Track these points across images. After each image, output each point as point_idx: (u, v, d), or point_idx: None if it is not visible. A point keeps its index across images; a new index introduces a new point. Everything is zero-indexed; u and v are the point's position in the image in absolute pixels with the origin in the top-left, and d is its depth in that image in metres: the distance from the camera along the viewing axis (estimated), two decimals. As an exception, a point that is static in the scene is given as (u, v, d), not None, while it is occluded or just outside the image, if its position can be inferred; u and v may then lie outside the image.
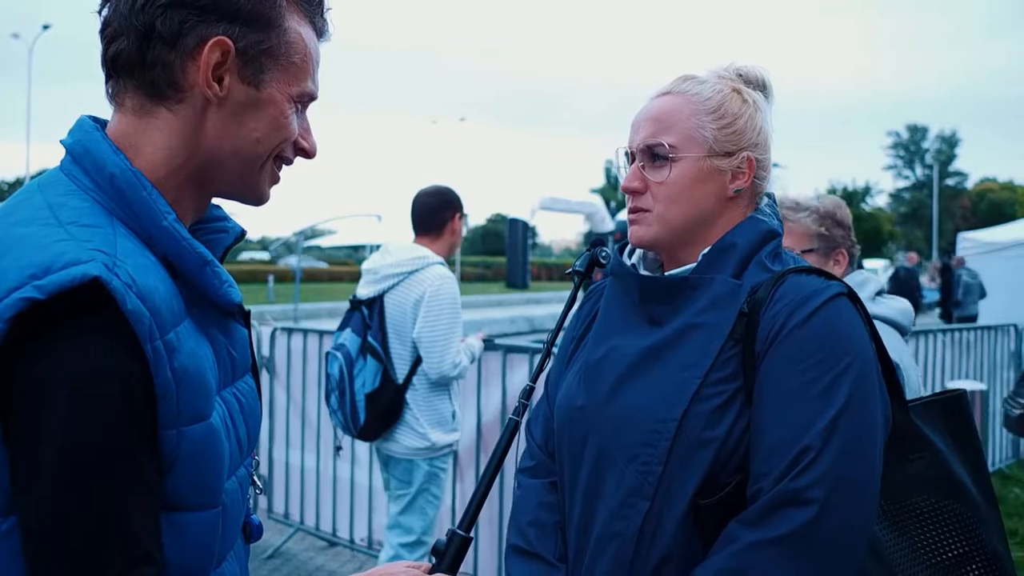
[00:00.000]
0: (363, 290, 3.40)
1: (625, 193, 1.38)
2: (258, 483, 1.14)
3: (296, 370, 4.79)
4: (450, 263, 3.73)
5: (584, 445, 1.34)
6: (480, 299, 27.86)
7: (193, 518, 0.93)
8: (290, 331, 4.90)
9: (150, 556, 0.86)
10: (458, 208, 3.48)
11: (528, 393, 1.40)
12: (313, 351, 4.65)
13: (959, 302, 13.40)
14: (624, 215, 1.42)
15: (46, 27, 39.93)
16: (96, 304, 0.82)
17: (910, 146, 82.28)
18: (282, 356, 4.87)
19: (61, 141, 1.00)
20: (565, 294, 1.49)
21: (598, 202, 19.09)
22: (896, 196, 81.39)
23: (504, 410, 3.85)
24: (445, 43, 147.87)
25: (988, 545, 1.34)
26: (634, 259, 1.45)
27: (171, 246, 0.95)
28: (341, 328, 3.42)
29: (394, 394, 3.28)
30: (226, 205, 1.14)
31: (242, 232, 1.13)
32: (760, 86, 1.42)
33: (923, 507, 1.34)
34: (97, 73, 1.01)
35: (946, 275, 14.38)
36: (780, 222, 1.40)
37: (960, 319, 12.93)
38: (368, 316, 3.33)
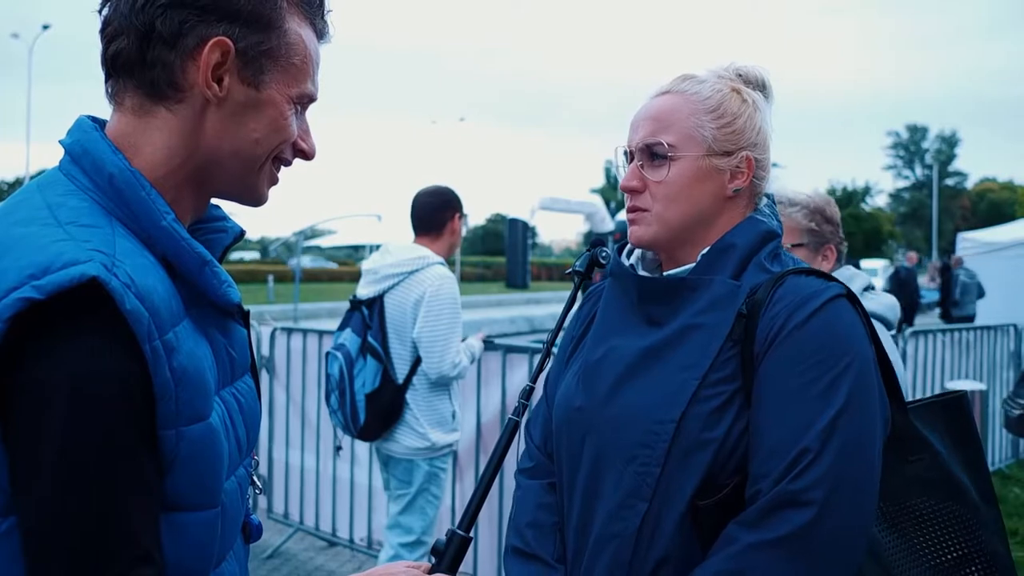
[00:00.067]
0: (363, 290, 3.40)
1: (624, 192, 1.38)
2: (257, 483, 1.14)
3: (296, 370, 4.79)
4: (450, 263, 3.72)
5: (582, 446, 1.34)
6: (480, 299, 27.85)
7: (192, 518, 0.93)
8: (290, 331, 4.90)
9: (149, 556, 0.86)
10: (458, 208, 3.48)
11: (528, 393, 1.40)
12: (313, 351, 4.65)
13: (957, 302, 13.39)
14: (624, 215, 1.41)
15: (46, 27, 39.91)
16: (95, 304, 0.82)
17: (910, 146, 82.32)
18: (282, 356, 4.87)
19: (60, 141, 1.00)
20: (565, 294, 1.49)
21: (598, 202, 19.09)
22: (896, 196, 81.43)
23: (504, 410, 3.85)
24: (445, 43, 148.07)
25: (988, 547, 1.33)
26: (632, 259, 1.45)
27: (170, 246, 0.95)
28: (341, 328, 3.42)
29: (394, 394, 3.28)
30: (225, 205, 1.14)
31: (241, 232, 1.13)
32: (760, 86, 1.42)
33: (922, 509, 1.34)
34: (97, 73, 1.01)
35: (945, 275, 14.37)
36: (780, 223, 1.40)
37: (958, 319, 12.92)
38: (368, 316, 3.33)
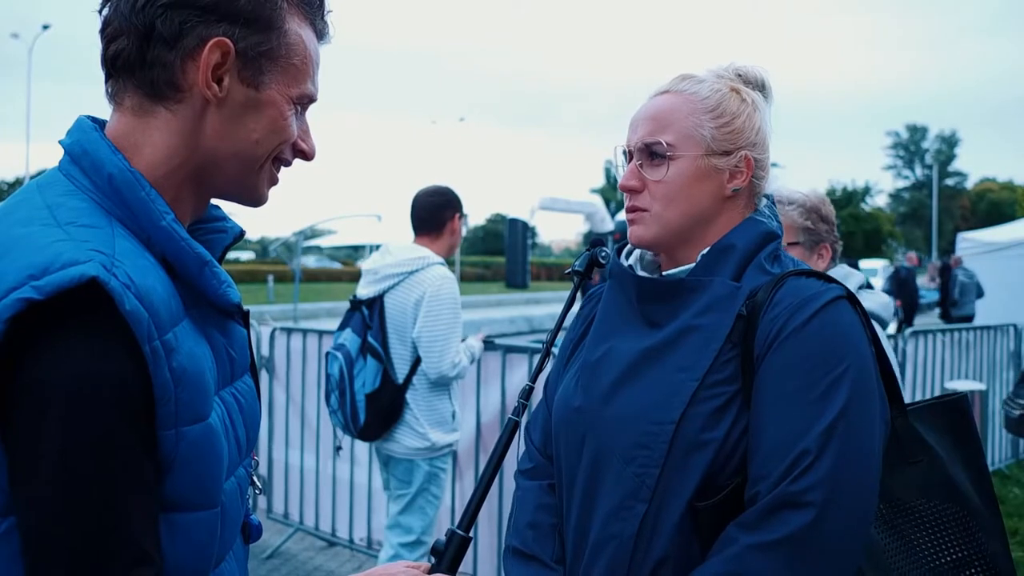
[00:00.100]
0: (363, 290, 3.40)
1: (622, 192, 1.38)
2: (257, 483, 1.14)
3: (296, 370, 4.79)
4: (450, 263, 3.72)
5: (581, 446, 1.34)
6: (480, 299, 27.84)
7: (192, 518, 0.93)
8: (289, 331, 4.89)
9: (149, 556, 0.86)
10: (458, 208, 3.48)
11: (527, 393, 1.40)
12: (313, 351, 4.65)
13: (956, 302, 13.39)
14: (624, 215, 1.41)
15: (46, 27, 39.88)
16: (94, 304, 0.82)
17: (910, 146, 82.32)
18: (281, 356, 4.87)
19: (60, 141, 1.00)
20: (565, 294, 1.50)
21: (598, 202, 19.10)
22: (896, 196, 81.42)
23: (503, 410, 3.85)
24: (445, 43, 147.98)
25: (987, 549, 1.33)
26: (631, 260, 1.45)
27: (169, 246, 0.95)
28: (341, 328, 3.42)
29: (394, 394, 3.28)
30: (225, 205, 1.14)
31: (241, 232, 1.13)
32: (759, 86, 1.42)
33: (921, 511, 1.33)
34: (97, 73, 1.01)
35: (945, 275, 14.37)
36: (780, 224, 1.39)
37: (957, 319, 12.92)
38: (368, 316, 3.33)
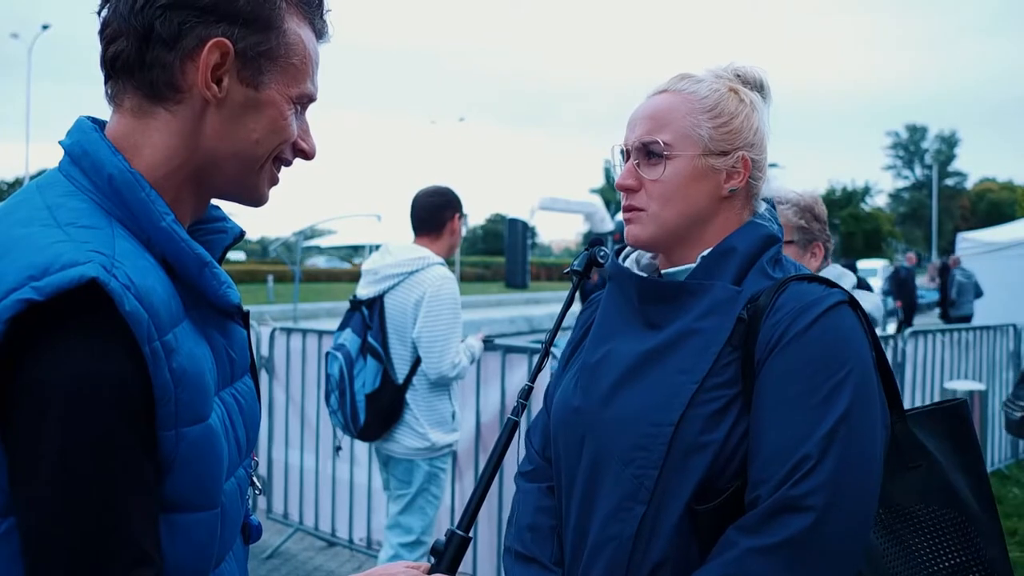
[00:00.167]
0: (363, 290, 3.40)
1: (619, 191, 1.38)
2: (257, 484, 1.14)
3: (295, 370, 4.79)
4: (450, 263, 3.72)
5: (580, 448, 1.33)
6: (480, 299, 27.83)
7: (192, 519, 0.93)
8: (289, 331, 4.89)
9: (149, 557, 0.86)
10: (458, 208, 3.48)
11: (527, 393, 1.40)
12: (312, 351, 4.64)
13: (954, 302, 13.39)
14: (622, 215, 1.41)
15: (45, 27, 39.85)
16: (94, 305, 0.82)
17: (909, 146, 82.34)
18: (281, 356, 4.86)
19: (60, 142, 1.00)
20: (564, 294, 1.50)
21: (597, 202, 19.12)
22: (896, 196, 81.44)
23: (503, 410, 3.85)
24: (445, 43, 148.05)
25: (986, 554, 1.32)
26: (629, 261, 1.45)
27: (169, 247, 0.95)
28: (341, 328, 3.42)
29: (394, 394, 3.28)
30: (225, 205, 1.14)
31: (241, 232, 1.13)
32: (757, 86, 1.41)
33: (920, 516, 1.33)
34: (96, 74, 1.01)
35: (945, 275, 14.37)
36: (780, 227, 1.39)
37: (956, 319, 12.91)
38: (368, 316, 3.33)
